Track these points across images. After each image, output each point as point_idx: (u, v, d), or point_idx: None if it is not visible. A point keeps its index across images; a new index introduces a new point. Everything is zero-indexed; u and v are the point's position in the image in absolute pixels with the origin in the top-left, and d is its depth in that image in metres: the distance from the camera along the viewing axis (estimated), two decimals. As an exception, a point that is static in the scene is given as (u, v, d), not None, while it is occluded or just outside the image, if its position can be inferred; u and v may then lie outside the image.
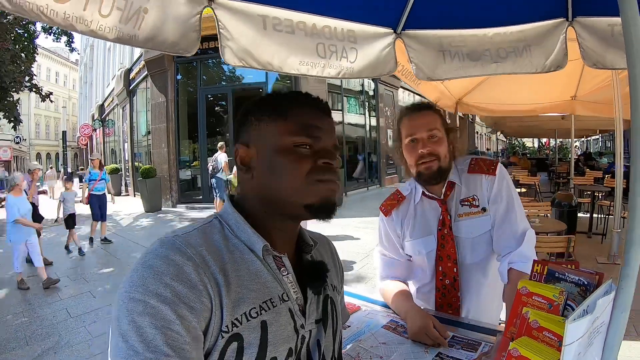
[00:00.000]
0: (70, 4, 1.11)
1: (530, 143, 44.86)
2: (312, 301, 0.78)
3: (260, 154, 0.74)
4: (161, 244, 0.65)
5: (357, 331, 1.33)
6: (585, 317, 0.61)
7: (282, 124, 0.73)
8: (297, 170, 0.71)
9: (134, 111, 16.05)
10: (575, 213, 5.14)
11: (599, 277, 0.75)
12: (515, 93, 5.41)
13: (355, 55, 1.93)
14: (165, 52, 1.41)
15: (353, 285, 4.91)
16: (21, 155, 37.38)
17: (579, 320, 0.59)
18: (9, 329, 4.06)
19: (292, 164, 0.72)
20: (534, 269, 0.84)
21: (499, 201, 1.41)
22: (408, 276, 1.60)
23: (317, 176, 0.72)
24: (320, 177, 0.72)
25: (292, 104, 0.76)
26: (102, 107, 23.00)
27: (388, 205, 1.59)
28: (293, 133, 0.73)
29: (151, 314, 0.58)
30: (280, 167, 0.72)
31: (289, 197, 0.72)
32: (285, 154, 0.72)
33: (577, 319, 0.59)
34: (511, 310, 0.80)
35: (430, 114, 1.44)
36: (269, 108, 0.76)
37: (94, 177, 7.70)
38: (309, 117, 0.75)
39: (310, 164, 0.72)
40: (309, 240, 0.84)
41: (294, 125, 0.73)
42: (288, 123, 0.73)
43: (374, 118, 16.42)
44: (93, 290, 5.15)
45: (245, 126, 0.77)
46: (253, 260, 0.71)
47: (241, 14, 1.64)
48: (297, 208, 0.73)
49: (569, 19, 1.89)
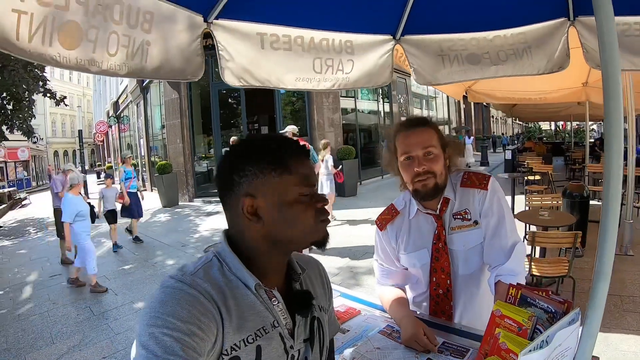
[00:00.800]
0: (79, 49, 1.19)
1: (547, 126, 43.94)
2: (300, 324, 0.89)
3: (270, 205, 0.81)
4: (175, 280, 0.76)
5: (354, 336, 1.41)
6: (541, 349, 0.66)
7: (288, 177, 0.82)
8: (306, 217, 0.83)
9: (149, 107, 16.27)
10: (587, 204, 5.07)
11: (567, 306, 0.80)
12: (526, 81, 5.33)
13: (351, 67, 1.97)
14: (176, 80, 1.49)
15: (365, 276, 5.01)
16: (39, 155, 38.18)
17: (534, 353, 0.65)
18: (35, 329, 4.27)
19: (303, 213, 0.83)
20: (509, 292, 0.90)
21: (490, 215, 1.43)
22: (404, 283, 1.65)
23: (321, 217, 0.85)
24: (322, 217, 0.86)
25: (291, 157, 0.83)
26: (117, 104, 23.33)
27: (383, 220, 1.62)
28: (298, 185, 0.82)
29: (169, 327, 0.68)
30: (292, 216, 0.82)
31: (300, 239, 0.86)
32: (296, 204, 0.82)
33: (532, 351, 0.65)
34: (486, 330, 0.86)
35: (426, 131, 1.43)
36: (271, 161, 0.81)
37: (129, 176, 7.74)
38: (306, 168, 0.85)
39: (313, 209, 0.84)
40: (297, 269, 0.94)
41: (298, 178, 0.82)
42: (293, 177, 0.82)
43: (387, 104, 16.32)
44: (115, 288, 5.36)
45: (247, 177, 0.81)
46: (248, 294, 0.82)
47: (239, 34, 1.70)
48: (305, 245, 0.88)
49: (571, 18, 1.87)
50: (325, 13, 1.86)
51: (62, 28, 1.15)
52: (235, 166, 0.83)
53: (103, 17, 1.23)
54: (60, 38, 1.15)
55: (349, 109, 14.03)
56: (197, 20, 1.57)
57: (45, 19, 1.11)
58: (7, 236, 10.33)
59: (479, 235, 1.45)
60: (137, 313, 4.47)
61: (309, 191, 0.84)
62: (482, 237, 1.44)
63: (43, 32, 1.11)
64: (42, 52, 1.11)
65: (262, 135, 0.90)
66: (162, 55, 1.43)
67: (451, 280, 1.48)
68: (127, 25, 1.30)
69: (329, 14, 1.87)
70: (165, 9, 1.42)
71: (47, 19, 1.11)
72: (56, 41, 1.15)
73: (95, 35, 1.23)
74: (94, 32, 1.22)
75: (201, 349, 0.70)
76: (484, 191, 1.45)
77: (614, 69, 0.94)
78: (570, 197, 5.06)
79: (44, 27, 1.11)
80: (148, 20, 1.35)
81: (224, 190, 0.84)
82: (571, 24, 1.87)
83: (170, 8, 1.44)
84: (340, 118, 12.83)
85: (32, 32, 1.09)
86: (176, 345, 0.67)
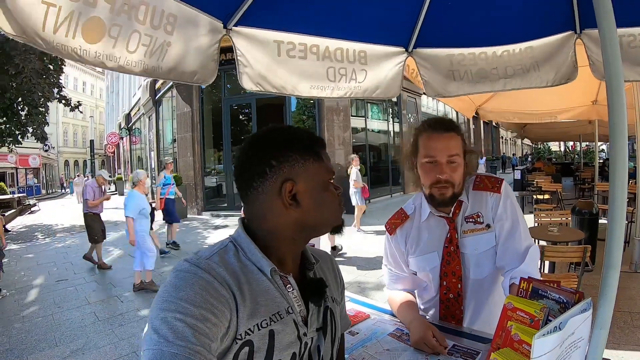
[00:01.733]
0: (100, 44, 1.24)
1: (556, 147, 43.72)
2: (313, 312, 0.90)
3: (308, 190, 0.86)
4: (190, 264, 0.77)
5: (364, 338, 1.42)
6: (554, 333, 0.67)
7: (322, 164, 0.88)
8: (335, 201, 0.90)
9: (160, 120, 16.49)
10: (596, 221, 5.04)
11: (578, 296, 0.81)
12: (535, 99, 5.36)
13: (364, 76, 2.02)
14: (185, 83, 1.53)
15: (373, 291, 4.98)
16: (50, 163, 38.72)
17: (548, 337, 0.66)
18: (39, 331, 4.28)
19: (332, 197, 0.89)
20: (520, 285, 0.91)
21: (504, 219, 1.43)
22: (413, 288, 1.65)
23: (341, 203, 0.92)
24: (341, 202, 0.92)
25: (320, 146, 0.90)
26: (129, 116, 23.68)
27: (393, 224, 1.62)
28: (329, 171, 0.90)
29: (182, 312, 0.69)
30: (324, 201, 0.88)
31: (327, 223, 0.91)
32: (328, 189, 0.89)
33: (545, 335, 0.66)
34: (498, 323, 0.87)
35: (453, 137, 1.41)
36: (309, 148, 0.87)
37: (168, 182, 7.72)
38: (328, 158, 0.92)
39: (336, 194, 0.91)
40: (311, 259, 0.97)
41: (327, 166, 0.89)
42: (325, 164, 0.89)
43: (397, 124, 16.38)
44: (120, 295, 5.37)
45: (288, 162, 0.84)
46: (262, 279, 0.83)
47: (257, 41, 1.76)
48: (327, 230, 0.93)
49: (577, 31, 1.89)
50: (341, 22, 1.91)
51: (87, 23, 1.19)
52: (270, 152, 0.84)
53: (128, 16, 1.28)
54: (84, 32, 1.19)
55: (359, 128, 14.10)
56: (217, 26, 1.63)
57: (72, 13, 1.15)
58: (15, 240, 10.41)
59: (491, 239, 1.44)
60: (142, 320, 4.47)
61: (333, 179, 0.91)
62: (494, 241, 1.44)
63: (68, 25, 1.15)
64: (65, 44, 1.15)
65: (286, 125, 0.92)
66: (179, 57, 1.47)
67: (462, 285, 1.48)
68: (150, 25, 1.35)
69: (344, 24, 1.93)
70: (189, 13, 1.48)
71: (74, 13, 1.16)
72: (79, 35, 1.19)
73: (118, 32, 1.27)
74: (117, 29, 1.27)
75: (213, 335, 0.70)
76: (497, 194, 1.45)
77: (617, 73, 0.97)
78: (580, 214, 5.03)
79: (70, 20, 1.15)
80: (171, 22, 1.41)
81: (253, 176, 0.84)
82: (578, 37, 1.89)
83: (193, 13, 1.50)
84: (350, 136, 12.89)
85: (58, 24, 1.13)
86: (188, 330, 0.67)
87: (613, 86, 0.94)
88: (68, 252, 8.47)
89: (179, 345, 0.66)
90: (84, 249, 7.40)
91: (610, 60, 0.94)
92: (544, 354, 0.65)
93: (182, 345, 0.66)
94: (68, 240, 10.01)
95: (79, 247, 8.49)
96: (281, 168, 0.83)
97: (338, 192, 0.91)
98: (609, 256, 0.83)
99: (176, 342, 0.66)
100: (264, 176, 0.83)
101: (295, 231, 0.87)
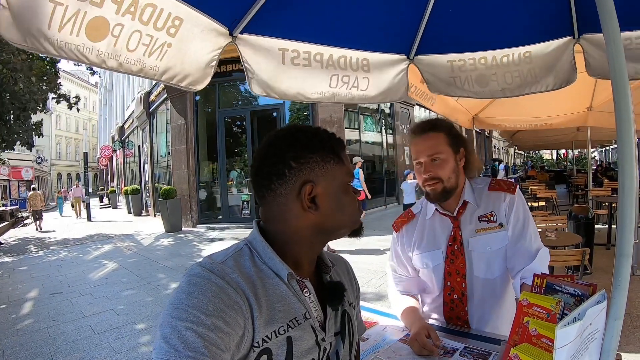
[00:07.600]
0: (104, 42, 1.23)
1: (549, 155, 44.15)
2: (331, 317, 0.89)
3: (328, 192, 0.84)
4: (203, 269, 0.75)
5: (375, 343, 1.42)
6: (575, 323, 0.69)
7: (343, 166, 0.87)
8: (353, 204, 0.88)
9: (154, 133, 16.44)
10: (592, 225, 5.09)
11: (592, 288, 0.83)
12: (531, 107, 5.41)
13: (366, 84, 2.06)
14: (175, 86, 1.51)
15: (372, 302, 4.93)
16: (42, 175, 38.41)
17: (569, 327, 0.67)
18: (33, 345, 4.21)
19: (352, 199, 0.88)
20: (534, 282, 0.92)
21: (517, 219, 1.47)
22: (417, 290, 1.67)
23: (359, 206, 0.91)
24: (360, 206, 0.91)
25: (343, 149, 0.89)
26: (122, 129, 23.58)
27: (399, 222, 1.68)
28: (348, 174, 0.88)
29: (193, 321, 0.67)
30: (344, 204, 0.86)
31: (346, 226, 0.89)
32: (348, 191, 0.88)
33: (567, 325, 0.67)
34: (514, 320, 0.88)
35: (432, 137, 1.48)
36: (330, 150, 0.85)
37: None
38: (348, 160, 0.90)
39: (355, 197, 0.89)
40: (327, 262, 0.95)
41: (347, 168, 0.88)
42: (345, 165, 0.88)
43: (391, 136, 16.45)
44: (116, 308, 5.29)
45: (309, 164, 0.82)
46: (279, 284, 0.81)
47: (262, 49, 1.78)
48: (345, 233, 0.90)
49: (576, 36, 1.92)
50: (344, 31, 1.95)
51: (92, 21, 1.19)
52: (290, 153, 0.82)
53: (132, 16, 1.28)
54: (87, 30, 1.19)
55: (353, 140, 14.16)
56: (223, 32, 1.64)
57: (78, 12, 1.15)
58: (7, 253, 10.26)
59: (504, 238, 1.47)
60: (139, 333, 4.41)
61: (352, 182, 0.90)
62: (506, 240, 1.47)
63: (73, 24, 1.15)
64: (69, 42, 1.15)
65: (306, 126, 0.88)
66: (177, 59, 1.46)
67: (466, 284, 1.50)
68: (154, 27, 1.35)
69: (347, 32, 1.96)
70: (195, 17, 1.48)
71: (80, 12, 1.15)
72: (83, 33, 1.18)
73: (120, 31, 1.27)
74: (119, 28, 1.26)
75: (225, 344, 0.68)
76: (512, 195, 1.50)
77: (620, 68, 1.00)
78: (576, 219, 5.09)
79: (75, 18, 1.15)
80: (176, 25, 1.41)
81: (271, 176, 0.82)
82: (576, 42, 1.92)
83: (200, 17, 1.50)
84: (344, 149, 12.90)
85: (64, 22, 1.13)
86: (198, 341, 0.65)
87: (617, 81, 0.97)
88: (62, 264, 8.33)
89: (187, 356, 0.64)
90: (78, 262, 7.34)
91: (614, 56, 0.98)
92: (567, 344, 0.67)
93: (191, 356, 0.64)
94: (62, 253, 9.84)
95: (73, 260, 8.40)
96: (301, 169, 0.81)
97: (357, 195, 0.89)
98: (621, 244, 0.84)
99: (185, 353, 0.64)
100: (282, 177, 0.81)
101: (313, 234, 0.85)
